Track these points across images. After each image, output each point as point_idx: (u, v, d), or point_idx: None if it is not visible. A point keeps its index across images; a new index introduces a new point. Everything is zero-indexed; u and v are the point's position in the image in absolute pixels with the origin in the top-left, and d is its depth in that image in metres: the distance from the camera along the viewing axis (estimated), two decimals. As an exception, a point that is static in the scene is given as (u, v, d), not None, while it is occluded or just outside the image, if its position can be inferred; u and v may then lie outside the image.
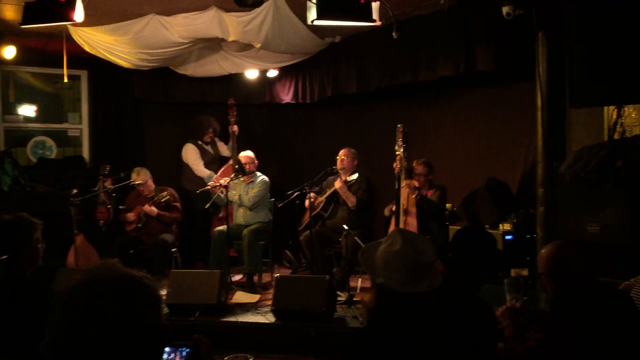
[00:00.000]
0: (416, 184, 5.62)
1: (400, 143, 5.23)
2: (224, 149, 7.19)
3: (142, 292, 1.32)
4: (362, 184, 5.88)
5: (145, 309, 1.30)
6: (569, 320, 2.38)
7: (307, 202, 5.97)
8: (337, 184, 5.77)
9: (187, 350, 1.49)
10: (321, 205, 6.06)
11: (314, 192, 6.05)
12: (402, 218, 5.26)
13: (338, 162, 6.00)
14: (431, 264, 2.02)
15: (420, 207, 5.42)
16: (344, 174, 6.02)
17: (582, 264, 2.57)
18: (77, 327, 1.24)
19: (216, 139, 7.15)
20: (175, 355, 1.54)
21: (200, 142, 6.96)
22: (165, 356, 1.52)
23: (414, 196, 5.38)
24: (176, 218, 6.36)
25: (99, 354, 1.23)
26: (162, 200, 6.13)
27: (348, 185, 5.79)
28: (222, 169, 6.91)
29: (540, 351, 2.39)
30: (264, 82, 7.36)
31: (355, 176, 5.73)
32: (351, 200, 5.80)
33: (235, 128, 6.88)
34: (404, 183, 5.33)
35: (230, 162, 6.88)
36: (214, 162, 7.08)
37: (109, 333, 1.24)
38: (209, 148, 7.05)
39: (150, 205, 6.14)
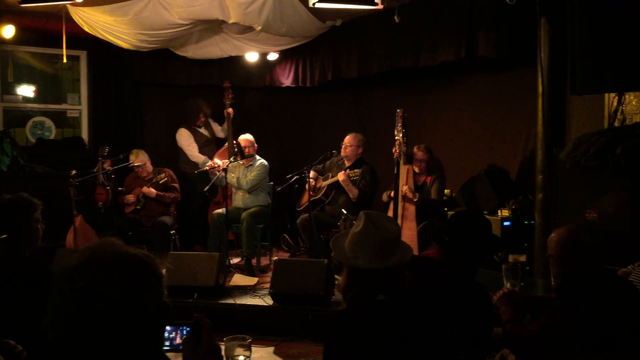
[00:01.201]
0: (415, 169, 5.62)
1: (399, 128, 5.22)
2: (218, 130, 7.17)
3: (143, 270, 1.32)
4: (366, 175, 5.87)
5: (146, 288, 1.30)
6: (574, 306, 2.37)
7: (309, 183, 5.98)
8: (341, 177, 5.75)
9: (188, 329, 1.50)
10: (323, 190, 6.05)
11: (315, 170, 6.04)
12: (400, 204, 5.26)
13: (342, 149, 5.98)
14: (395, 239, 2.07)
15: (421, 193, 5.43)
16: (347, 162, 6.01)
17: (593, 250, 2.56)
18: (79, 307, 1.25)
19: (210, 120, 7.12)
20: (176, 334, 1.55)
21: (193, 127, 6.93)
22: (165, 335, 1.53)
23: (415, 199, 5.38)
24: (175, 199, 6.36)
25: (100, 333, 1.24)
26: (160, 181, 6.14)
27: (352, 180, 5.78)
28: (219, 151, 6.90)
29: (544, 336, 2.40)
30: (264, 65, 7.33)
31: (358, 170, 5.72)
32: (353, 192, 5.81)
33: (230, 110, 6.85)
34: (404, 168, 5.33)
35: (227, 144, 6.87)
36: (210, 143, 7.06)
37: (111, 312, 1.24)
38: (202, 131, 7.03)
39: (148, 187, 6.14)
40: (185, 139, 6.88)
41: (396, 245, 2.08)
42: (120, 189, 6.30)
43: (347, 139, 6.00)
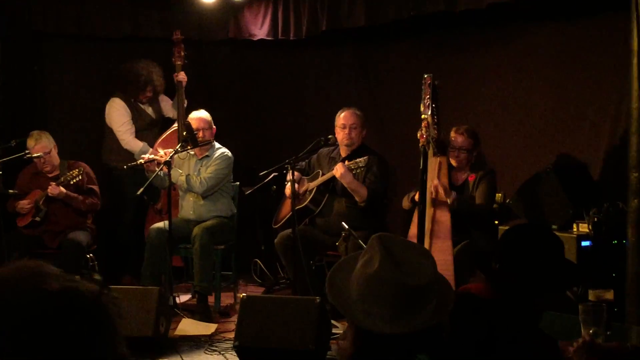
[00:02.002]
0: (452, 161, 5.60)
1: (427, 102, 5.20)
2: (169, 107, 7.15)
3: (92, 320, 1.29)
4: (373, 167, 5.85)
5: (94, 345, 1.28)
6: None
7: (287, 187, 5.94)
8: (338, 171, 5.73)
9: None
10: (310, 195, 6.04)
11: (297, 170, 6.02)
12: (428, 212, 5.25)
13: (337, 130, 5.96)
14: (428, 286, 1.98)
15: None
16: (345, 150, 5.98)
17: None
18: None
19: (162, 95, 7.11)
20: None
21: (134, 100, 6.91)
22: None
23: (449, 200, 5.37)
24: (93, 206, 6.34)
25: None
26: (72, 180, 6.10)
27: (353, 172, 5.75)
28: (162, 136, 6.87)
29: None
30: (227, 10, 7.32)
31: (361, 159, 5.70)
32: (360, 193, 5.79)
33: (182, 76, 6.83)
34: (434, 161, 5.31)
35: (175, 126, 6.85)
36: (153, 126, 7.05)
37: None
38: (147, 108, 7.01)
39: (55, 186, 6.10)
40: (118, 115, 6.87)
41: (430, 293, 1.99)
42: (10, 191, 6.27)
43: (348, 116, 5.99)
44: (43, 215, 6.19)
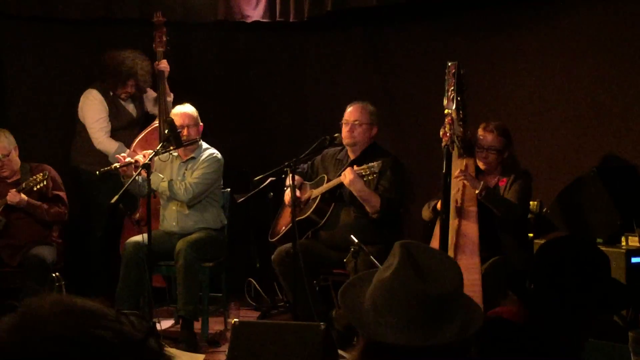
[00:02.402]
0: (479, 163, 5.60)
1: (451, 95, 5.20)
2: (153, 103, 7.17)
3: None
4: (387, 171, 5.84)
5: None
6: None
7: (286, 194, 5.94)
8: (347, 177, 5.71)
9: None
10: (314, 204, 6.04)
11: (298, 174, 6.02)
12: (452, 223, 5.24)
13: (343, 130, 5.96)
14: (453, 295, 2.01)
15: (486, 207, 5.42)
16: (353, 152, 5.98)
17: None
18: None
19: (147, 90, 7.13)
20: None
21: (113, 94, 6.91)
22: None
23: (477, 190, 5.36)
24: (59, 215, 6.34)
25: None
26: (35, 186, 6.10)
27: (365, 179, 5.73)
28: (141, 135, 6.88)
29: None
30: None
31: (375, 164, 5.68)
32: (372, 202, 5.78)
33: (164, 65, 6.83)
34: (459, 163, 5.31)
35: (156, 123, 6.86)
36: (133, 126, 7.06)
37: None
38: (127, 104, 7.02)
39: (16, 192, 6.10)
40: (93, 109, 6.87)
41: (454, 306, 2.01)
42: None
43: (353, 112, 5.98)
44: (1, 227, 6.19)
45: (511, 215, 5.52)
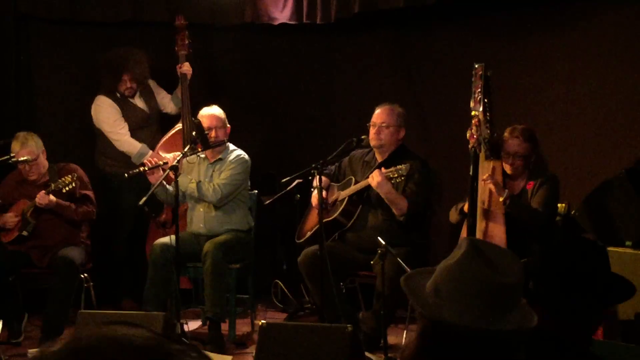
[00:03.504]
0: (506, 168, 5.58)
1: (478, 97, 5.19)
2: (167, 101, 7.19)
3: None
4: (415, 174, 5.82)
5: None
6: None
7: (313, 196, 5.93)
8: (374, 179, 5.70)
9: None
10: (341, 206, 6.03)
11: (325, 175, 6.01)
12: (480, 225, 5.23)
13: (371, 132, 5.95)
14: (518, 287, 2.08)
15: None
16: (381, 154, 5.97)
17: None
18: None
19: (151, 83, 7.14)
20: None
21: (118, 94, 6.94)
22: None
23: (501, 198, 5.35)
24: (88, 214, 6.36)
25: None
26: (64, 188, 6.11)
27: (393, 182, 5.72)
28: (165, 138, 6.90)
29: None
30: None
31: (403, 166, 5.67)
32: (399, 205, 5.76)
33: (187, 68, 6.85)
34: (486, 166, 5.29)
35: (179, 126, 6.88)
36: (149, 123, 7.09)
37: None
38: (136, 101, 7.04)
39: (44, 194, 6.12)
40: (106, 113, 6.90)
41: (517, 298, 2.08)
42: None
43: (379, 114, 5.97)
44: (31, 229, 6.22)
45: (536, 222, 5.49)
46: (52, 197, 6.10)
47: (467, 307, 2.01)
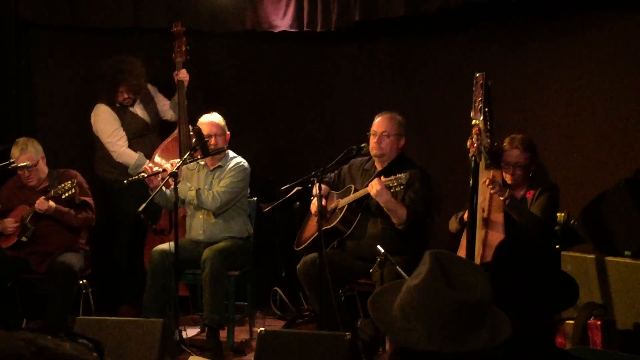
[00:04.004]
0: (506, 178, 5.58)
1: (479, 106, 5.19)
2: (166, 109, 7.19)
3: None
4: (413, 182, 5.82)
5: None
6: None
7: (313, 204, 5.93)
8: (374, 188, 5.69)
9: None
10: (340, 214, 6.03)
11: (325, 183, 6.00)
12: (479, 234, 5.23)
13: (371, 141, 5.95)
14: (482, 304, 2.06)
15: (513, 218, 5.40)
16: (381, 162, 5.97)
17: None
18: None
19: (151, 89, 7.14)
20: None
21: (118, 104, 6.93)
22: None
23: (502, 198, 5.34)
24: (87, 221, 6.37)
25: None
26: (64, 194, 6.11)
27: (392, 190, 5.71)
28: (163, 144, 6.91)
29: None
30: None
31: (402, 175, 5.66)
32: (399, 214, 5.76)
33: (184, 74, 6.86)
34: (486, 175, 5.29)
35: (176, 132, 6.89)
36: (150, 131, 7.09)
37: None
38: (136, 110, 7.05)
39: (44, 200, 6.12)
40: (105, 123, 6.90)
41: (484, 314, 2.06)
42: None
43: (380, 123, 5.95)
44: (30, 234, 6.22)
45: (532, 227, 5.48)
46: (51, 203, 6.09)
47: (435, 329, 2.01)
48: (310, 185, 5.87)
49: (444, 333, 2.00)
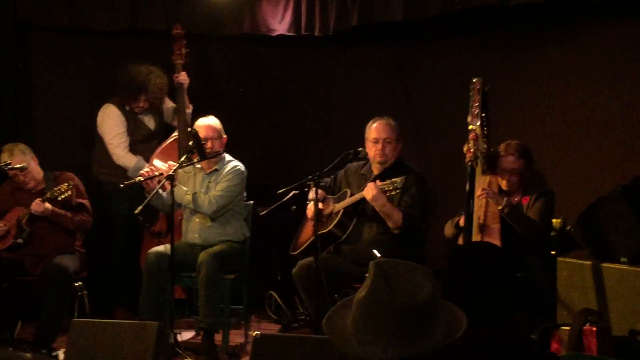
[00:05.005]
0: (501, 184, 5.58)
1: (476, 111, 5.20)
2: (171, 113, 7.18)
3: None
4: (410, 187, 5.82)
5: None
6: None
7: (309, 208, 5.93)
8: (369, 192, 5.69)
9: None
10: (336, 218, 6.02)
11: (321, 187, 5.99)
12: (475, 239, 5.21)
13: (369, 145, 5.94)
14: (428, 305, 2.05)
15: (509, 224, 5.40)
16: (377, 167, 5.97)
17: None
18: None
19: (166, 100, 7.14)
20: None
21: (128, 108, 6.93)
22: None
23: (499, 207, 5.33)
24: (83, 224, 6.35)
25: None
26: (60, 196, 6.09)
27: (388, 195, 5.71)
28: (161, 147, 6.90)
29: None
30: (242, 1, 7.34)
31: (398, 179, 5.66)
32: (394, 218, 5.75)
33: (183, 77, 6.85)
34: (482, 180, 5.28)
35: (175, 135, 6.88)
36: (152, 139, 7.09)
37: None
38: (145, 117, 7.05)
39: (40, 202, 6.10)
40: (112, 124, 6.91)
41: (434, 313, 2.06)
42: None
43: (381, 129, 5.92)
44: (26, 236, 6.21)
45: (533, 233, 5.49)
46: (47, 204, 6.09)
47: (387, 338, 2.02)
48: (306, 189, 5.88)
49: (397, 340, 2.01)
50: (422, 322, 2.03)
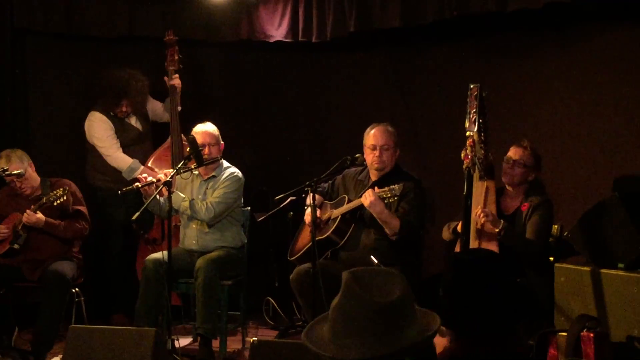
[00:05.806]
0: (503, 178, 5.56)
1: (473, 117, 5.19)
2: (161, 111, 7.19)
3: None
4: (408, 193, 5.81)
5: None
6: None
7: (307, 214, 5.92)
8: (367, 199, 5.68)
9: None
10: (334, 225, 6.01)
11: (319, 193, 5.98)
12: (473, 245, 5.22)
13: (367, 151, 5.94)
14: (400, 303, 2.12)
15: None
16: (375, 174, 5.97)
17: None
18: None
19: (149, 99, 7.15)
20: None
21: (112, 113, 6.93)
22: None
23: (496, 229, 5.33)
24: (80, 231, 6.32)
25: None
26: (56, 201, 6.07)
27: (386, 202, 5.70)
28: (156, 152, 6.90)
29: None
30: (239, 7, 7.35)
31: (396, 186, 5.65)
32: (392, 225, 5.74)
33: (177, 81, 6.85)
34: (479, 186, 5.29)
35: (169, 140, 6.88)
36: (142, 140, 7.10)
37: None
38: (132, 120, 7.05)
39: (32, 212, 6.08)
40: (99, 129, 6.90)
41: (407, 311, 2.13)
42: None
43: (379, 135, 5.92)
44: (23, 242, 6.18)
45: (529, 252, 5.47)
46: (39, 215, 6.04)
47: (363, 337, 2.09)
48: (304, 196, 5.88)
49: (373, 339, 2.08)
50: (397, 320, 2.11)
